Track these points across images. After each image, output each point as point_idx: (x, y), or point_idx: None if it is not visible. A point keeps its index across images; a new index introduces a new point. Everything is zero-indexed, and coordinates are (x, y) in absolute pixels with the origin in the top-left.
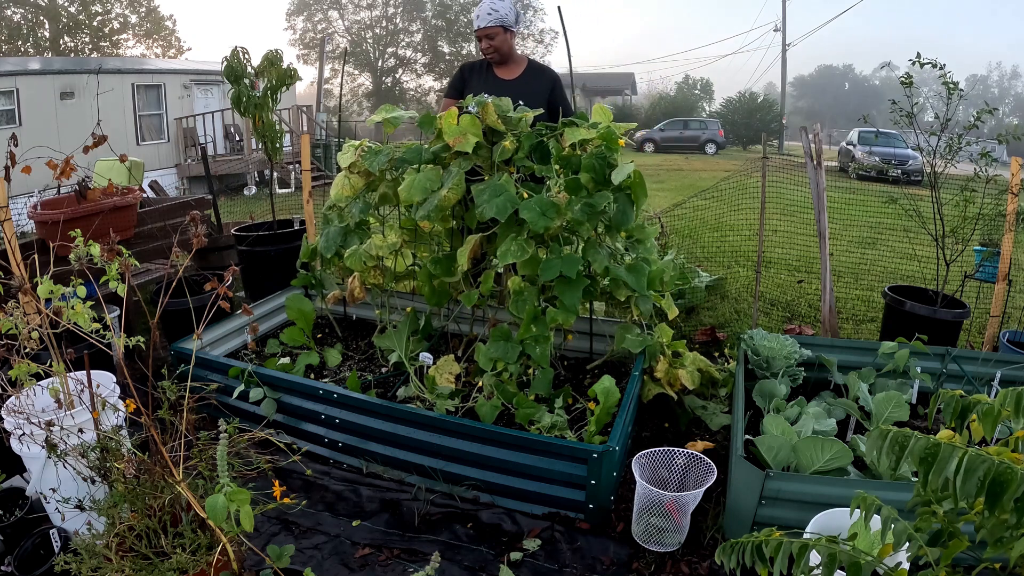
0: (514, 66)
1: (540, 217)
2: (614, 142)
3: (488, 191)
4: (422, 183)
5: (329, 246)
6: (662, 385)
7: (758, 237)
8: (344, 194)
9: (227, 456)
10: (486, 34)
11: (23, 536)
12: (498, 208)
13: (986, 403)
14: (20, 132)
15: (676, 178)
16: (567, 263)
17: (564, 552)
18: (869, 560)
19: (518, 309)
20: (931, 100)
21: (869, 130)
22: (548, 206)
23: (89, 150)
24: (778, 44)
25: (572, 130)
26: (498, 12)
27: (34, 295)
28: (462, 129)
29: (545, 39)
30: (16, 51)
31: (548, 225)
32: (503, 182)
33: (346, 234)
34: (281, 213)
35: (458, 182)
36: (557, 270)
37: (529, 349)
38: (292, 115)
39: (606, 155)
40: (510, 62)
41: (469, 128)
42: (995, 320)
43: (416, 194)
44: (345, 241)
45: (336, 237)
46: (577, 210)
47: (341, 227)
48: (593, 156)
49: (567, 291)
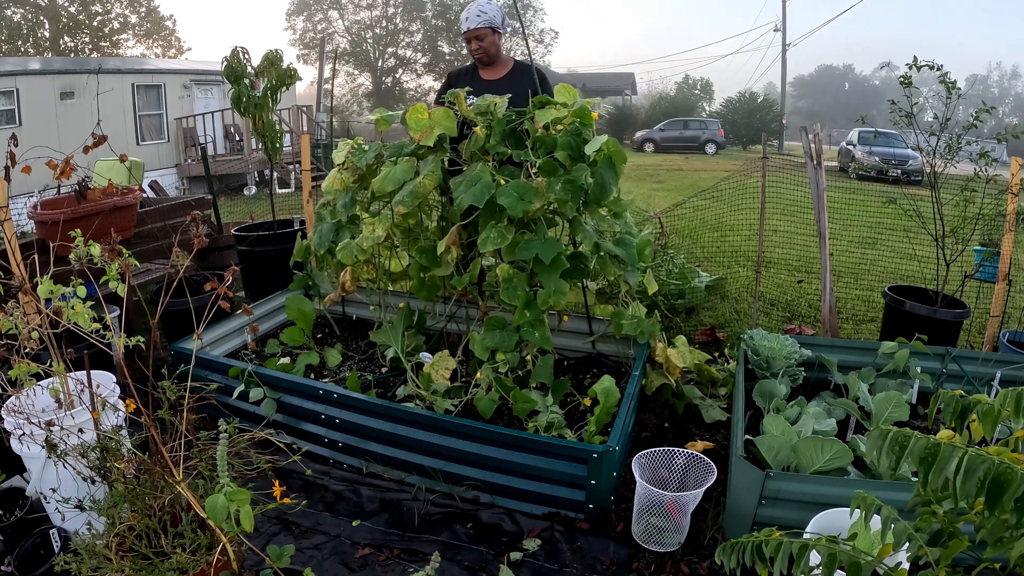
0: (500, 67)
1: (518, 201)
2: (588, 118)
3: (465, 182)
4: (396, 174)
5: (322, 242)
6: (663, 374)
7: (758, 237)
8: (335, 187)
9: (227, 456)
10: (475, 35)
11: (23, 536)
12: (475, 196)
13: (986, 403)
14: (20, 132)
15: (676, 178)
16: (545, 246)
17: (564, 552)
18: (869, 560)
19: (510, 296)
20: (931, 100)
21: (869, 130)
22: (526, 189)
23: (89, 150)
24: (778, 44)
25: (543, 111)
26: (487, 14)
27: (34, 295)
28: (431, 123)
29: (545, 39)
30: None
31: (526, 209)
32: (479, 171)
33: (338, 230)
34: (281, 213)
35: (434, 169)
36: (535, 250)
37: (527, 335)
38: (292, 115)
39: (580, 131)
40: (497, 63)
41: (441, 121)
42: (995, 320)
43: (389, 184)
44: (337, 237)
45: (328, 233)
46: (559, 189)
47: (333, 223)
48: (568, 133)
49: (546, 274)
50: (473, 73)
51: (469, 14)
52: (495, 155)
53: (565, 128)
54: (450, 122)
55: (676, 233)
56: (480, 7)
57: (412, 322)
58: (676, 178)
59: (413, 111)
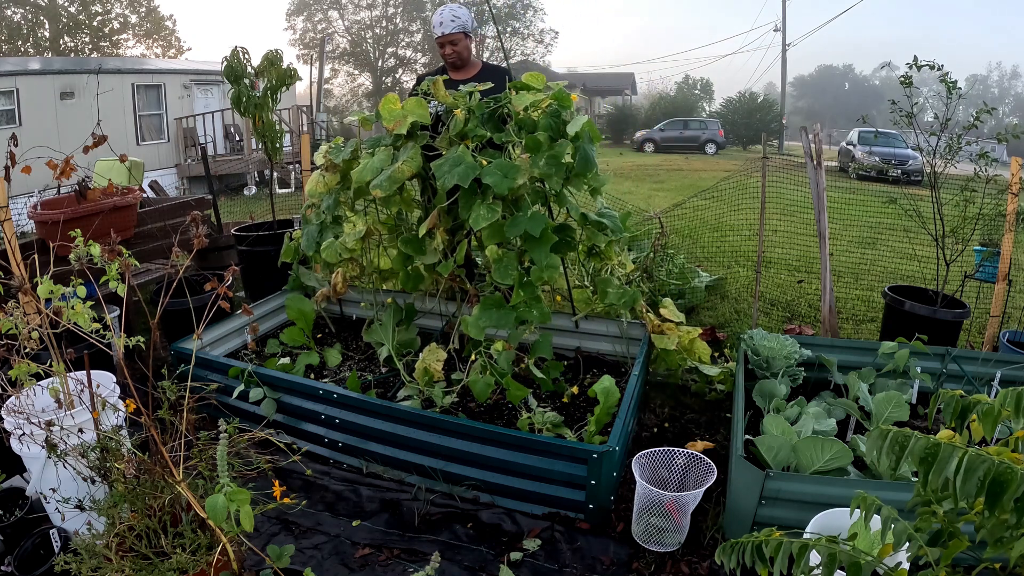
0: (470, 68)
1: (502, 179)
2: (566, 100)
3: (448, 163)
4: (374, 164)
5: (310, 244)
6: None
7: (758, 237)
8: (318, 190)
9: (227, 456)
10: (449, 40)
11: (23, 536)
12: (460, 176)
13: (986, 403)
14: (20, 132)
15: (676, 178)
16: (532, 221)
17: (564, 552)
18: (869, 560)
19: (502, 276)
20: (931, 100)
21: (869, 130)
22: (509, 168)
23: (89, 150)
24: (778, 44)
25: (521, 95)
26: (460, 19)
27: (34, 295)
28: (404, 112)
29: (545, 39)
30: (16, 51)
31: (511, 186)
32: (460, 153)
33: (322, 230)
34: (281, 213)
35: (413, 155)
36: (523, 226)
37: (525, 314)
38: (292, 115)
39: (560, 111)
40: (467, 65)
41: (414, 109)
42: (995, 320)
43: (367, 174)
44: (321, 237)
45: (314, 234)
46: (542, 164)
47: (317, 224)
48: (548, 115)
49: (536, 249)
50: (443, 74)
51: (443, 19)
52: (475, 138)
53: (544, 111)
54: (423, 110)
55: (676, 233)
56: (453, 12)
57: (402, 316)
58: (676, 178)
59: (385, 102)
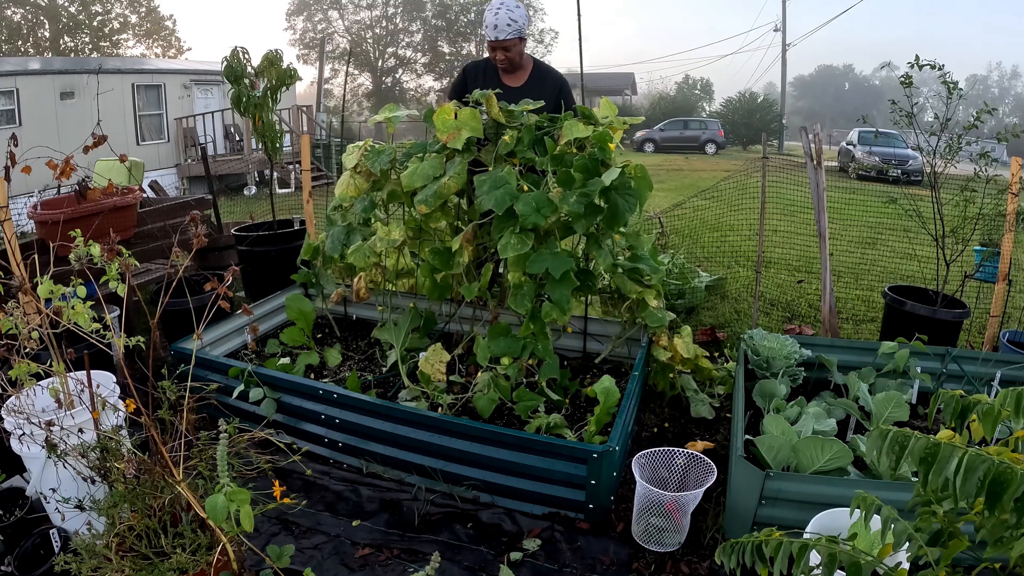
0: (520, 72)
1: (534, 212)
2: (606, 143)
3: (489, 182)
4: (425, 170)
5: (335, 246)
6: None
7: (758, 237)
8: (349, 194)
9: (227, 456)
10: (503, 46)
11: (23, 536)
12: (496, 200)
13: (986, 403)
14: (20, 132)
15: (676, 178)
16: (556, 261)
17: (564, 552)
18: (869, 560)
19: (517, 304)
20: (931, 100)
21: (869, 130)
22: (544, 202)
23: (89, 150)
24: (778, 44)
25: (571, 125)
26: (517, 23)
27: (34, 295)
28: (459, 124)
29: (545, 39)
30: (16, 51)
31: (538, 222)
32: (505, 173)
33: (349, 232)
34: (281, 213)
35: (460, 171)
36: (544, 265)
37: (531, 346)
38: (292, 115)
39: (599, 157)
40: (519, 70)
41: (468, 121)
42: (995, 320)
43: (418, 180)
44: (348, 239)
45: (340, 236)
46: (572, 202)
47: (344, 226)
48: (586, 158)
49: (557, 289)
50: (494, 75)
51: (498, 23)
52: (521, 160)
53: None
54: (477, 123)
55: (676, 233)
56: (510, 15)
57: (420, 323)
58: (676, 178)
59: (441, 112)
